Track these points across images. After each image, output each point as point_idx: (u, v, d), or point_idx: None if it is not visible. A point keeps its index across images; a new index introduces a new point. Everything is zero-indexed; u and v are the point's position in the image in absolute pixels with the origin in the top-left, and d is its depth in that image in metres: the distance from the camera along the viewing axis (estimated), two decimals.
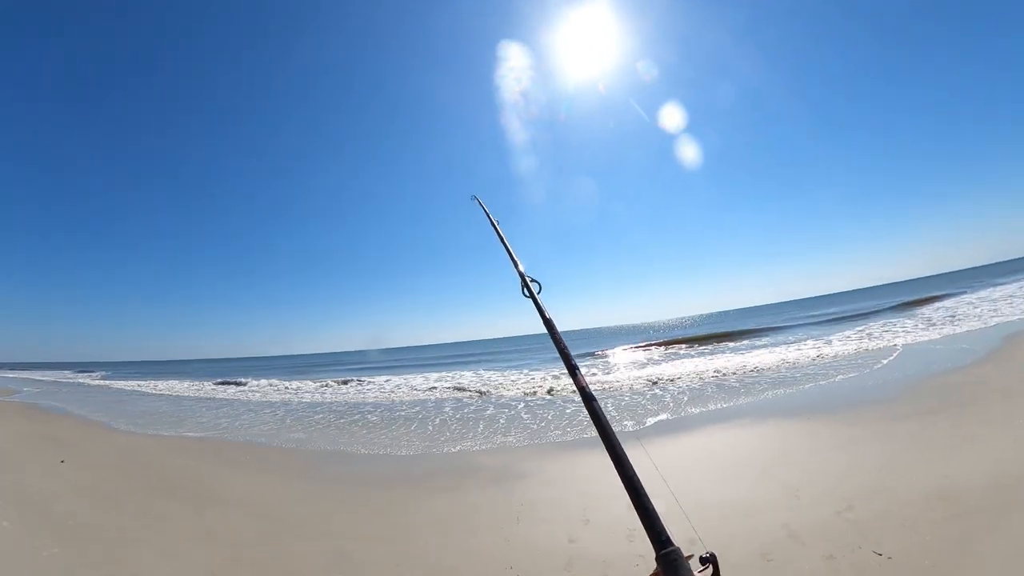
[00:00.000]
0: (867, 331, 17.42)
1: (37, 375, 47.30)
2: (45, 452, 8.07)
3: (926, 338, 13.20)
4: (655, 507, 0.92)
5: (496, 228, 2.14)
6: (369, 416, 11.04)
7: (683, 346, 22.81)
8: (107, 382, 33.46)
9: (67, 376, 45.18)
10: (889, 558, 2.88)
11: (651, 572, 0.87)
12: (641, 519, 0.91)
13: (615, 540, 3.52)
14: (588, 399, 1.18)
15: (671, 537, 0.89)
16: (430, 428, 8.92)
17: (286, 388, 20.11)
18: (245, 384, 23.12)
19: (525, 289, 1.71)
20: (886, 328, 17.47)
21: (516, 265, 1.82)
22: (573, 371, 1.29)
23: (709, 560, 0.86)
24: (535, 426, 8.07)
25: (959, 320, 16.28)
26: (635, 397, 9.89)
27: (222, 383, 24.58)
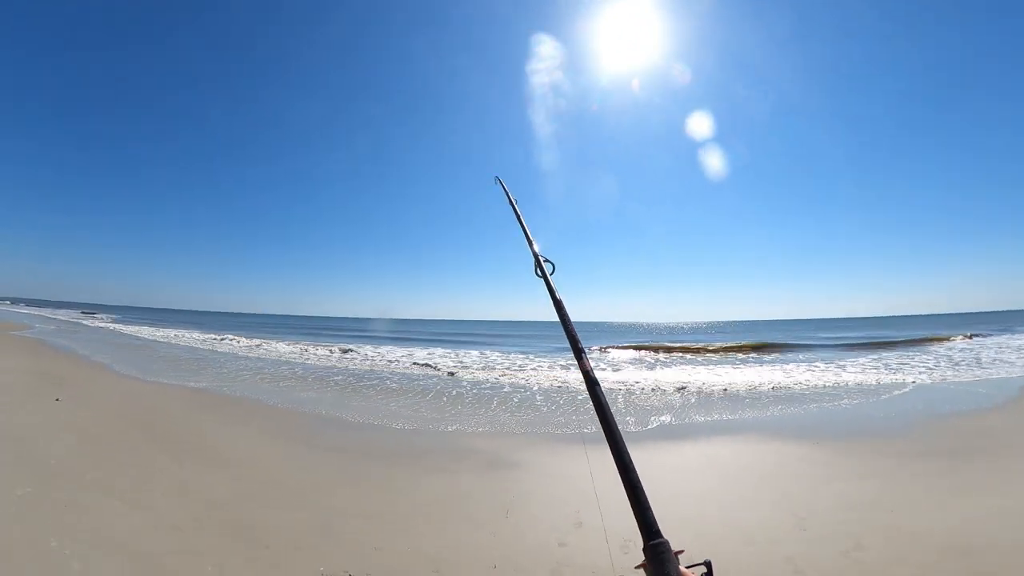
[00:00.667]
0: (883, 361, 16.98)
1: (57, 313, 48.46)
2: (44, 389, 8.12)
3: (944, 377, 12.78)
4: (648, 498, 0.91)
5: (514, 207, 2.19)
6: (378, 384, 11.00)
7: (692, 353, 22.48)
8: (118, 326, 34.12)
9: (77, 316, 46.18)
10: None
11: (639, 564, 0.87)
12: (632, 507, 0.91)
13: (609, 548, 3.35)
14: (591, 383, 1.18)
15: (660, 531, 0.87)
16: (431, 403, 8.83)
17: (292, 351, 20.22)
18: (259, 344, 23.28)
19: (538, 269, 1.69)
20: (903, 361, 17.00)
21: (531, 244, 1.82)
22: (579, 354, 1.28)
23: (704, 564, 0.86)
24: (535, 414, 7.93)
25: (983, 364, 15.75)
26: (637, 397, 9.69)
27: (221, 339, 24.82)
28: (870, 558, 3.22)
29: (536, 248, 1.77)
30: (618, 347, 24.03)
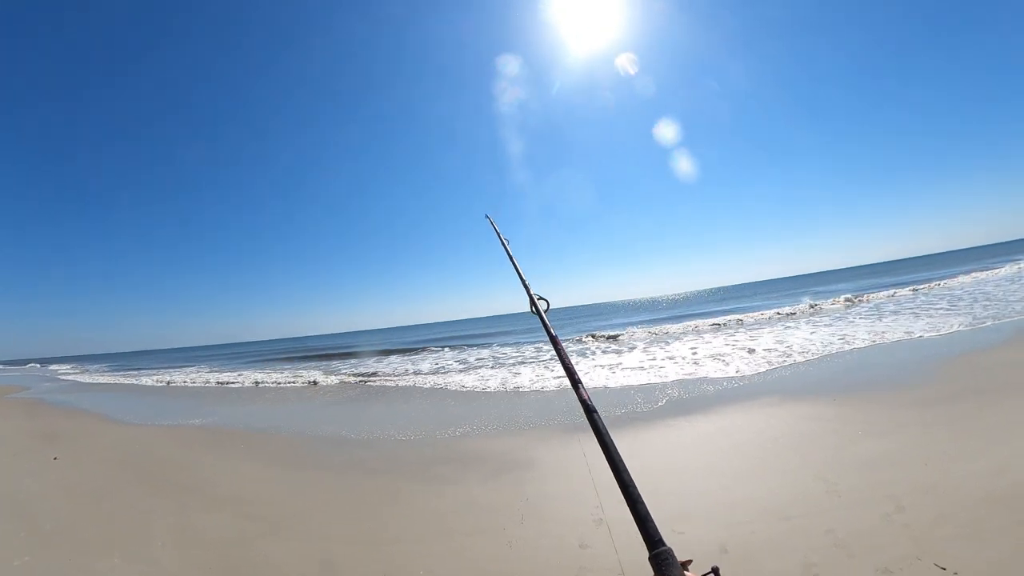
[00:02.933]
0: (885, 307, 16.81)
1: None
2: (40, 449, 7.87)
3: (947, 320, 12.59)
4: (647, 508, 0.94)
5: (506, 247, 2.25)
6: (375, 395, 10.75)
7: (693, 321, 22.25)
8: (89, 376, 33.70)
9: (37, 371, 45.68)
10: (955, 573, 2.46)
11: None
12: (635, 520, 0.93)
13: (632, 544, 3.08)
14: (589, 412, 1.23)
15: (663, 539, 0.89)
16: (432, 409, 8.59)
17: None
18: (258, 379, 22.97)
19: (533, 307, 1.81)
20: (899, 306, 16.84)
21: (525, 285, 1.92)
22: (576, 386, 1.33)
23: (712, 572, 0.84)
24: (540, 407, 7.70)
25: (986, 301, 15.58)
26: (643, 374, 9.45)
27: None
28: (914, 519, 3.00)
29: (531, 291, 1.87)
30: (628, 328, 23.65)
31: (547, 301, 1.82)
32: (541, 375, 11.90)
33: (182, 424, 9.75)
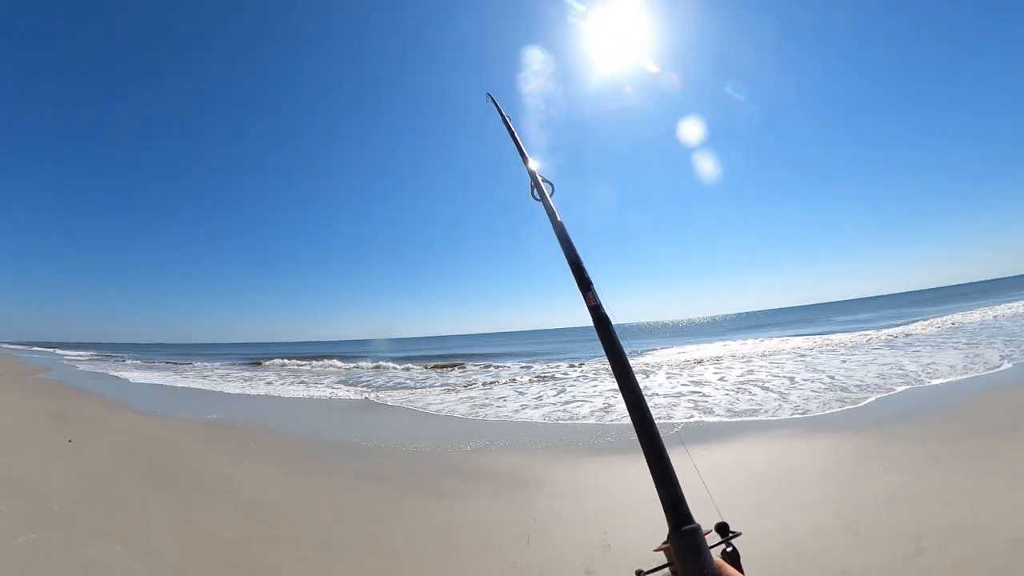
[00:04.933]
0: (912, 336, 16.38)
1: (81, 354, 49.15)
2: (56, 430, 8.02)
3: (971, 353, 12.22)
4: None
5: (507, 122, 1.93)
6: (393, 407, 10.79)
7: (714, 343, 21.97)
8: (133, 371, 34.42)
9: (93, 357, 46.84)
10: None
11: (658, 546, 0.80)
12: (659, 492, 0.82)
13: None
14: (600, 320, 1.04)
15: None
16: (446, 421, 8.59)
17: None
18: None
19: (535, 190, 1.44)
20: (919, 338, 16.40)
21: (525, 162, 1.56)
22: (586, 287, 1.10)
23: (731, 553, 0.81)
24: (555, 425, 7.64)
25: (1006, 337, 15.10)
26: (660, 399, 9.33)
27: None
28: (936, 562, 2.88)
29: (532, 166, 1.52)
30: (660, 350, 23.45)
31: (552, 184, 1.47)
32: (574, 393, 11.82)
33: (196, 418, 9.88)
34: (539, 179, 1.45)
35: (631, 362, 0.98)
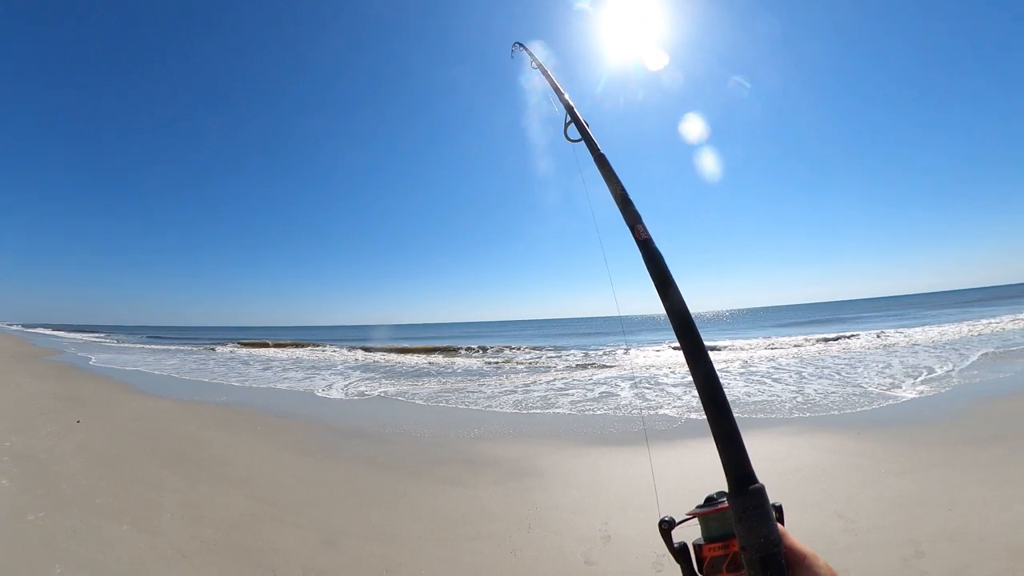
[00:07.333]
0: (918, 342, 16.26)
1: (84, 336, 49.71)
2: (65, 411, 8.16)
3: (973, 358, 12.11)
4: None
5: (541, 66, 1.71)
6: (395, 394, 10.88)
7: (724, 341, 21.91)
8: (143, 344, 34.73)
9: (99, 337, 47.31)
10: None
11: (692, 511, 0.73)
12: (720, 449, 0.72)
13: (639, 566, 3.08)
14: (651, 257, 0.90)
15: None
16: (448, 410, 8.64)
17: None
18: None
19: (570, 128, 1.25)
20: (927, 345, 16.26)
21: (561, 96, 1.34)
22: (636, 221, 0.94)
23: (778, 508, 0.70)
24: (562, 413, 7.67)
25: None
26: (653, 391, 9.33)
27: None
28: (934, 567, 2.89)
29: (568, 98, 1.31)
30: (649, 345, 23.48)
31: (588, 125, 1.24)
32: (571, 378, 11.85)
33: (204, 400, 10.02)
34: (577, 113, 1.27)
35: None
